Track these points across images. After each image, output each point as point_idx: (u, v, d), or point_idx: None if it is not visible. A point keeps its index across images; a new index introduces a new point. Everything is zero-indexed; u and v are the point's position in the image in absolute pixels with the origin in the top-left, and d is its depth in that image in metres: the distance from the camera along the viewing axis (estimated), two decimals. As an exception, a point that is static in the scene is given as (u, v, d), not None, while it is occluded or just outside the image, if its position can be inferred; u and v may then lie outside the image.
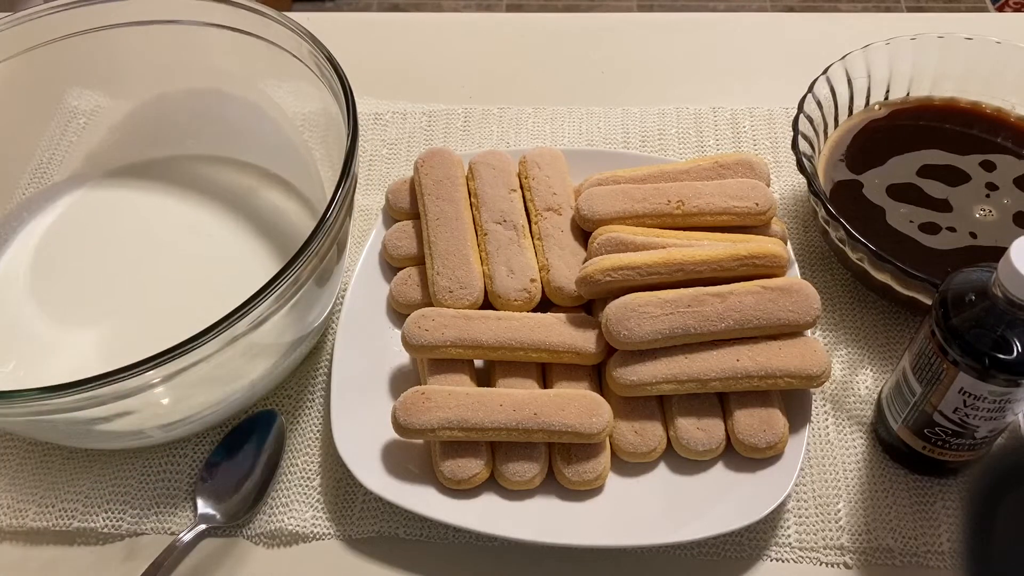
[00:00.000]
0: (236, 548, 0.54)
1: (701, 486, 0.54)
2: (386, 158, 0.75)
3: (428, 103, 0.78)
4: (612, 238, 0.59)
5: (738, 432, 0.53)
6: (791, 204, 0.70)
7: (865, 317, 0.63)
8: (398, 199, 0.66)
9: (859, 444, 0.57)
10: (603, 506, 0.53)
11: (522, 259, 0.60)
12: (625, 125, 0.76)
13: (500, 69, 0.82)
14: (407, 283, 0.62)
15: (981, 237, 0.61)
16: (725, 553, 0.53)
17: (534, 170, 0.65)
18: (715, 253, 0.57)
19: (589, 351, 0.56)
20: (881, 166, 0.66)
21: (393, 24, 0.89)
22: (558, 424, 0.52)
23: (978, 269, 0.47)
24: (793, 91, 0.65)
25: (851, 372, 0.61)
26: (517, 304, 0.59)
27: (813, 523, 0.54)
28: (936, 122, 0.69)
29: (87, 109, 0.73)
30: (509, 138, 0.76)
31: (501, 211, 0.62)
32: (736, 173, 0.63)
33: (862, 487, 0.56)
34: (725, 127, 0.75)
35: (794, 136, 0.62)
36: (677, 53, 0.82)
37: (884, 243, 0.57)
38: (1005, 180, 0.65)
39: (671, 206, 0.61)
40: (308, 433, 0.59)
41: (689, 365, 0.54)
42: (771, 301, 0.55)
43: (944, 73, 0.69)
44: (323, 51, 0.57)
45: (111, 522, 0.55)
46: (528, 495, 0.54)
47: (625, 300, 0.55)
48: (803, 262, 0.66)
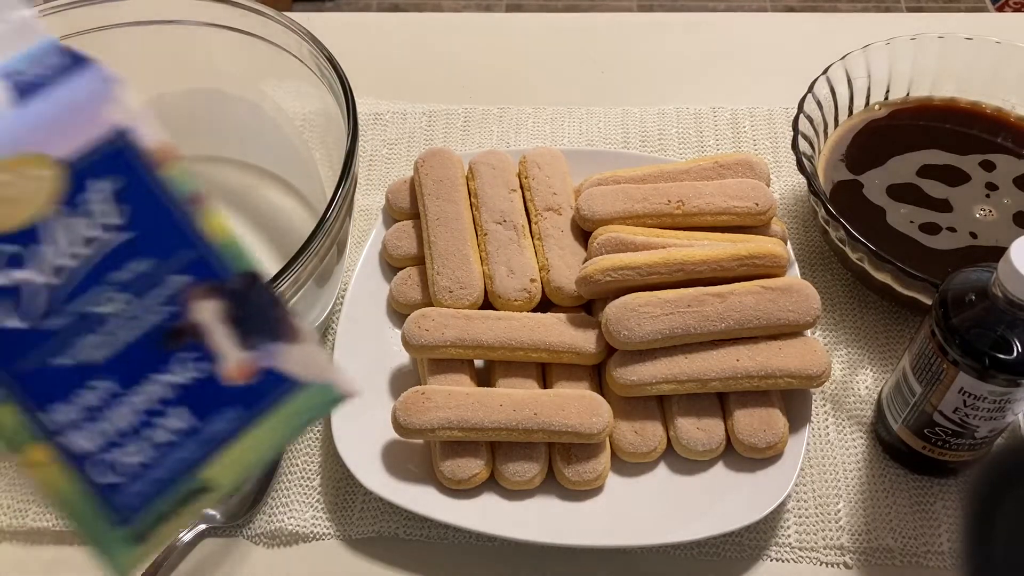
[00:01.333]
0: (236, 548, 0.54)
1: (701, 486, 0.54)
2: (386, 158, 0.75)
3: (428, 103, 0.78)
4: (612, 238, 0.59)
5: (738, 432, 0.53)
6: (791, 204, 0.70)
7: (865, 317, 0.63)
8: (398, 199, 0.66)
9: (859, 444, 0.57)
10: (603, 506, 0.53)
11: (522, 259, 0.60)
12: (625, 125, 0.76)
13: (500, 69, 0.82)
14: (407, 283, 0.62)
15: (981, 237, 0.61)
16: (725, 553, 0.53)
17: (534, 170, 0.65)
18: (715, 253, 0.57)
19: (589, 351, 0.56)
20: (881, 166, 0.66)
21: (393, 24, 0.89)
22: (558, 424, 0.52)
23: (978, 269, 0.47)
24: (793, 91, 0.65)
25: (851, 372, 0.61)
26: (517, 304, 0.59)
27: (813, 523, 0.54)
28: (936, 122, 0.69)
29: (87, 109, 0.73)
30: (509, 138, 0.76)
31: (501, 211, 0.62)
32: (736, 173, 0.63)
33: (862, 487, 0.56)
34: (725, 127, 0.75)
35: (794, 136, 0.62)
36: (677, 53, 0.82)
37: (884, 243, 0.57)
38: (1005, 180, 0.65)
39: (671, 206, 0.61)
40: (308, 433, 0.59)
41: (689, 365, 0.54)
42: (771, 301, 0.55)
43: (944, 73, 0.69)
44: (323, 51, 0.57)
45: (111, 522, 0.55)
46: (528, 495, 0.54)
47: (625, 300, 0.55)
48: (803, 262, 0.66)
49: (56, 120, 0.24)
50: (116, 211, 0.24)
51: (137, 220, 0.25)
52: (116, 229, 0.24)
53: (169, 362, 0.25)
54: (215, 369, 0.26)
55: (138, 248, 0.25)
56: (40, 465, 0.24)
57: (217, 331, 0.26)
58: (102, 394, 0.24)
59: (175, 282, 0.25)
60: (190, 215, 0.25)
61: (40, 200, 0.24)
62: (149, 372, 0.25)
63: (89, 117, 0.24)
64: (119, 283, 0.25)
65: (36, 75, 0.25)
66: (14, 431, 0.24)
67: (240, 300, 0.26)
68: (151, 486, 0.25)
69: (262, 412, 0.26)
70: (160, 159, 0.25)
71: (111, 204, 0.24)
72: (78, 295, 0.24)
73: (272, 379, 0.26)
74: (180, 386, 0.25)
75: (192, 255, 0.25)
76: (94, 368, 0.24)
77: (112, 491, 0.24)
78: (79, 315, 0.24)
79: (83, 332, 0.24)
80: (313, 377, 0.27)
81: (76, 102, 0.24)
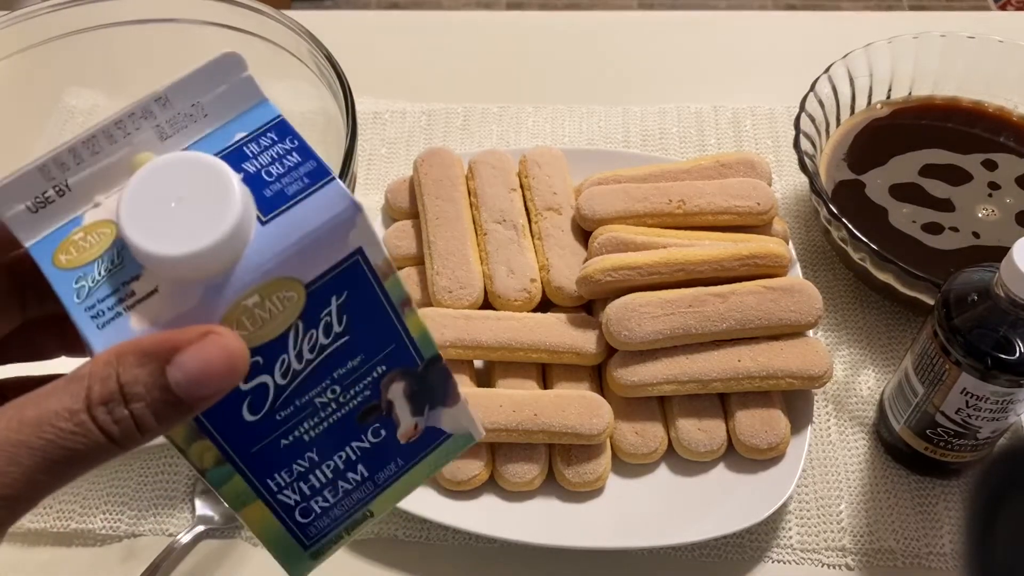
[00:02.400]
0: (234, 549, 0.54)
1: (702, 487, 0.53)
2: (385, 157, 0.74)
3: (428, 102, 0.78)
4: (612, 238, 0.58)
5: (739, 433, 0.53)
6: (793, 203, 0.70)
7: (867, 317, 0.63)
8: (397, 198, 0.65)
9: (861, 445, 0.57)
10: (604, 507, 0.53)
11: (522, 259, 0.60)
12: (626, 124, 0.76)
13: (500, 68, 0.81)
14: (407, 283, 0.61)
15: (984, 237, 0.61)
16: (726, 555, 0.53)
17: (534, 169, 0.64)
18: (716, 253, 0.57)
19: (589, 351, 0.56)
20: (883, 165, 0.65)
21: (392, 23, 0.89)
22: (558, 425, 0.52)
23: (980, 269, 0.47)
24: (795, 90, 0.65)
25: (853, 373, 0.60)
26: (517, 304, 0.59)
27: (815, 524, 0.54)
28: (938, 121, 0.69)
29: (85, 108, 0.73)
30: (509, 137, 0.75)
31: (501, 211, 0.62)
32: (737, 172, 0.63)
33: (864, 488, 0.55)
34: (726, 126, 0.75)
35: (796, 135, 0.62)
36: (678, 51, 0.82)
37: (886, 243, 0.57)
38: (1007, 179, 0.64)
39: (672, 205, 0.61)
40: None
41: (690, 365, 0.54)
42: (772, 301, 0.55)
43: (946, 72, 0.69)
44: (322, 50, 0.57)
45: (109, 523, 0.55)
46: (528, 496, 0.53)
47: (626, 300, 0.55)
48: (805, 262, 0.66)
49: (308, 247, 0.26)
50: (339, 319, 0.27)
51: (356, 325, 0.28)
52: (337, 335, 0.27)
53: (362, 434, 0.30)
54: (393, 435, 0.30)
55: (353, 347, 0.28)
56: (258, 517, 0.29)
57: (400, 405, 0.30)
58: (309, 463, 0.29)
59: (378, 371, 0.29)
60: (400, 317, 0.29)
61: (288, 319, 0.26)
62: (346, 444, 0.29)
63: (337, 245, 0.26)
64: (335, 378, 0.28)
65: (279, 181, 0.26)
66: (242, 494, 0.28)
67: (422, 379, 0.30)
68: (332, 522, 0.30)
69: (420, 460, 0.32)
70: (384, 274, 0.27)
71: (337, 314, 0.27)
72: (302, 392, 0.28)
73: (431, 435, 0.31)
74: (363, 449, 0.30)
75: (396, 350, 0.29)
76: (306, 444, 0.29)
77: (304, 528, 0.30)
78: (301, 407, 0.28)
79: (303, 419, 0.28)
80: (459, 428, 0.32)
81: (325, 230, 0.26)
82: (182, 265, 0.24)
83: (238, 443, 0.27)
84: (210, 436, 0.27)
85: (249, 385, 0.26)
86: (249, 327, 0.26)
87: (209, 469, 0.27)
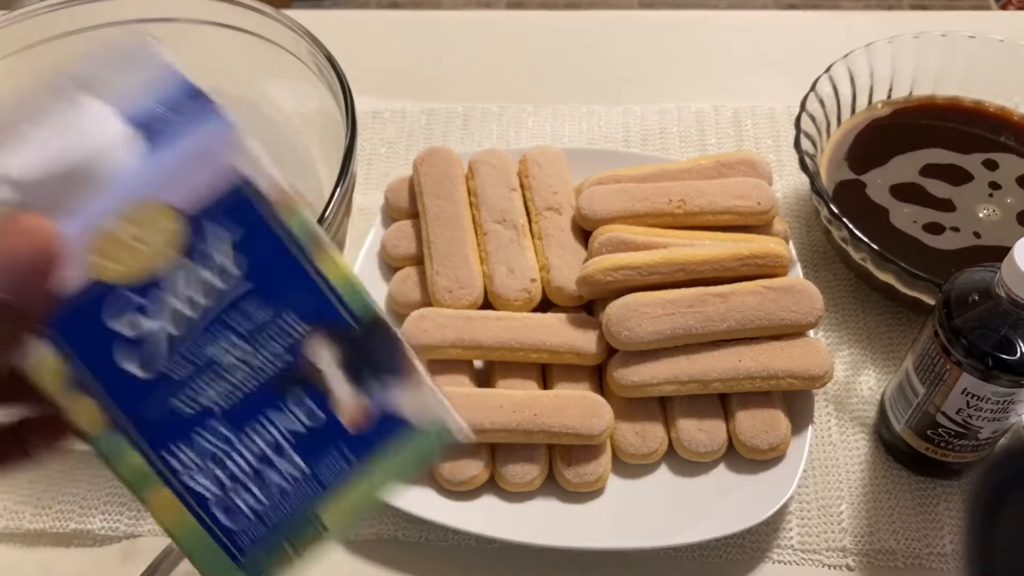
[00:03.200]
0: (234, 550, 0.54)
1: (703, 488, 0.53)
2: (385, 157, 0.74)
3: (427, 101, 0.78)
4: (613, 238, 0.58)
5: (740, 433, 0.53)
6: (793, 203, 0.70)
7: (868, 317, 0.63)
8: (397, 198, 0.65)
9: (862, 445, 0.57)
10: (604, 508, 0.53)
11: (522, 259, 0.60)
12: (626, 124, 0.75)
13: (500, 67, 0.81)
14: (406, 283, 0.61)
15: (985, 237, 0.61)
16: (727, 555, 0.53)
17: (534, 169, 0.64)
18: (717, 253, 0.57)
19: (590, 352, 0.55)
20: (884, 165, 0.65)
21: (392, 22, 0.89)
22: (558, 425, 0.52)
23: (981, 269, 0.47)
24: (795, 89, 0.65)
25: (854, 373, 0.60)
26: (517, 304, 0.59)
27: (815, 525, 0.54)
28: (939, 121, 0.69)
29: (85, 108, 0.73)
30: (509, 137, 0.75)
31: (501, 210, 0.62)
32: (738, 172, 0.63)
33: (865, 489, 0.55)
34: (727, 125, 0.75)
35: (796, 135, 0.62)
36: (678, 51, 0.82)
37: (887, 243, 0.57)
38: (1008, 179, 0.64)
39: (672, 205, 0.60)
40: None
41: (691, 366, 0.54)
42: (773, 301, 0.55)
43: (947, 72, 0.69)
44: (322, 49, 0.57)
45: (108, 524, 0.55)
46: (528, 497, 0.53)
47: (626, 300, 0.55)
48: (805, 262, 0.66)
49: (180, 170, 0.24)
50: (236, 262, 0.25)
51: (257, 270, 0.25)
52: (236, 279, 0.25)
53: (283, 407, 0.26)
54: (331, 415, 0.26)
55: (258, 298, 0.25)
56: (166, 508, 0.25)
57: (334, 377, 0.26)
58: (221, 440, 0.25)
59: (297, 330, 0.26)
60: (311, 260, 0.26)
61: (163, 251, 0.24)
62: (264, 417, 0.26)
63: (211, 166, 0.25)
64: (241, 333, 0.25)
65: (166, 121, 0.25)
66: (139, 473, 0.25)
67: (359, 344, 0.26)
68: (269, 530, 0.26)
69: (380, 457, 0.27)
70: (280, 206, 0.25)
71: (231, 255, 0.25)
72: (200, 346, 0.25)
73: (387, 423, 0.27)
74: (296, 432, 0.26)
75: (313, 301, 0.26)
76: (214, 415, 0.25)
77: (230, 533, 0.26)
78: (201, 365, 0.25)
79: (206, 381, 0.25)
80: (427, 420, 0.27)
81: (199, 150, 0.24)
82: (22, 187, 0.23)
83: (126, 401, 0.24)
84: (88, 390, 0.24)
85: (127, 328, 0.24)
86: (122, 258, 0.24)
87: (97, 437, 0.25)
